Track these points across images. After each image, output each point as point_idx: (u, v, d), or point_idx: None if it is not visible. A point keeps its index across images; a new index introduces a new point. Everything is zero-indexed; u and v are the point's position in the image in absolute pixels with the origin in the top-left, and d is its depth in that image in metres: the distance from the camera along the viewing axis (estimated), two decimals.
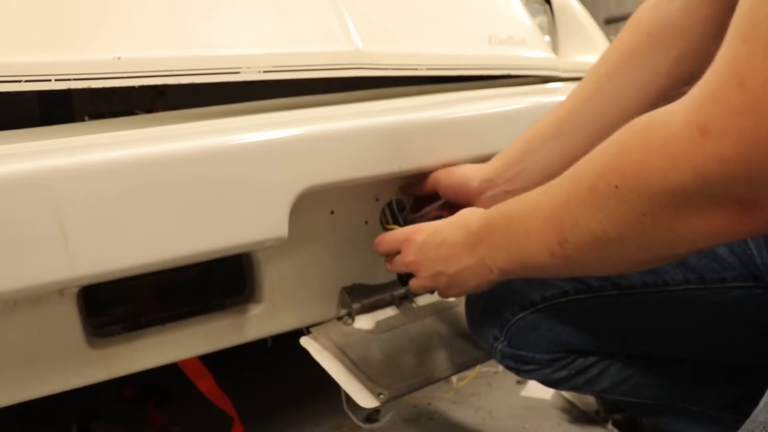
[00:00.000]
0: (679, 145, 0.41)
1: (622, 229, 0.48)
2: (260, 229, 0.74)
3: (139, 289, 0.85)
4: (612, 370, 0.76)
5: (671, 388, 0.76)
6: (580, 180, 0.52)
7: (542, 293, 0.74)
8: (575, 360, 0.76)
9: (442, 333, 0.96)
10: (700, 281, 0.69)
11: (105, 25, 0.78)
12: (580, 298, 0.73)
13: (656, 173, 0.43)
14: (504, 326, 0.76)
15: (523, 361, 0.76)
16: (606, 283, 0.72)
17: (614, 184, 0.46)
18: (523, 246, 0.58)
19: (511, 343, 0.76)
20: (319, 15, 0.94)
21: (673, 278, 0.70)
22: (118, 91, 1.09)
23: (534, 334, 0.75)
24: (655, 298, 0.71)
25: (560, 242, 0.53)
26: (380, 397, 0.84)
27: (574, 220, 0.52)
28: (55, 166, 0.62)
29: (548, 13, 1.40)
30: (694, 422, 0.78)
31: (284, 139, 0.75)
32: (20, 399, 0.73)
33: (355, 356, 0.88)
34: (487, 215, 0.65)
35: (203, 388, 1.03)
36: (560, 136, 0.77)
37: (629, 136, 0.46)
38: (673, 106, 0.43)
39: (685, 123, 0.40)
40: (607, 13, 5.77)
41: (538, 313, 0.74)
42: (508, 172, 0.79)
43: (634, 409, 0.82)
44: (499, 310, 0.76)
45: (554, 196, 0.55)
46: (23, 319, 0.70)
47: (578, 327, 0.74)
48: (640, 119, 0.46)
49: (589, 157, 0.52)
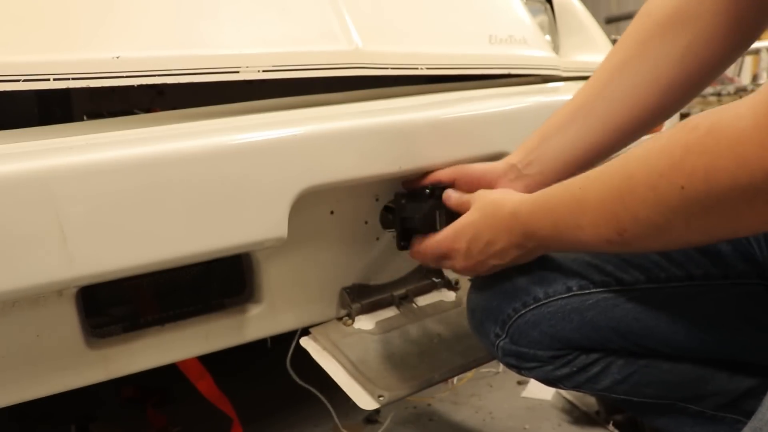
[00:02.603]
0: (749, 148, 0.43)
1: (688, 220, 0.50)
2: (260, 229, 0.74)
3: (138, 289, 0.84)
4: (613, 367, 0.76)
5: (673, 387, 0.76)
6: (632, 176, 0.54)
7: (545, 289, 0.74)
8: (577, 357, 0.75)
9: (442, 334, 0.95)
10: (703, 278, 0.69)
11: (104, 25, 0.77)
12: (583, 294, 0.73)
13: (725, 174, 0.45)
14: (506, 323, 0.76)
15: (525, 359, 0.76)
16: (609, 279, 0.72)
17: (680, 185, 0.49)
18: (577, 237, 0.62)
19: (513, 340, 0.76)
20: (319, 14, 0.94)
21: (677, 274, 0.70)
22: (117, 91, 1.08)
23: (536, 330, 0.74)
24: (658, 294, 0.71)
25: (619, 232, 0.56)
26: (380, 399, 0.83)
27: (633, 214, 0.54)
28: (54, 165, 0.61)
29: (549, 13, 1.40)
30: (696, 423, 0.78)
31: (284, 139, 0.75)
32: (19, 399, 0.73)
33: (354, 357, 0.88)
34: (527, 214, 0.67)
35: (202, 389, 1.03)
36: (574, 123, 0.79)
37: (695, 138, 0.48)
38: (739, 110, 0.45)
39: (754, 127, 0.43)
40: (608, 12, 5.78)
41: (541, 310, 0.74)
42: (526, 157, 0.81)
43: (635, 409, 0.82)
44: (501, 307, 0.76)
45: (603, 191, 0.57)
46: (22, 319, 0.70)
47: (581, 323, 0.73)
48: (701, 120, 0.48)
49: (642, 154, 0.53)
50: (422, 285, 1.03)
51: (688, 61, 0.72)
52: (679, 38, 0.71)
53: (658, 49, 0.73)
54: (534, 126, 0.95)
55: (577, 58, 1.35)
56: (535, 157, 0.80)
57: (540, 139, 0.81)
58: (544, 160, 0.80)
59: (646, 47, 0.74)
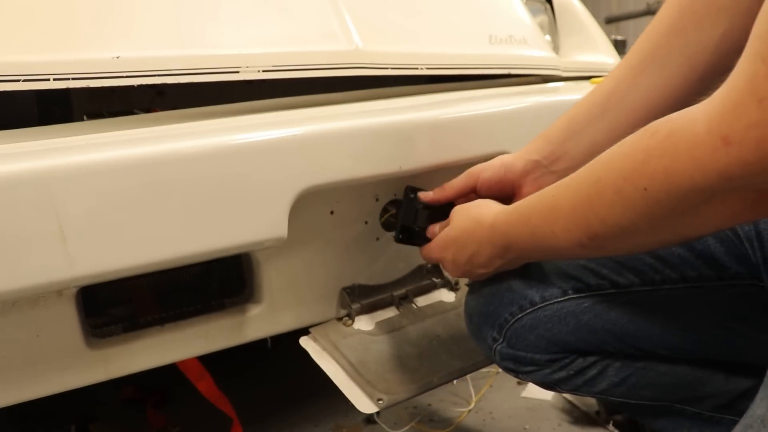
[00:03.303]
0: (704, 152, 0.46)
1: (653, 221, 0.53)
2: (260, 229, 0.74)
3: (138, 289, 0.84)
4: (610, 370, 0.76)
5: (670, 389, 0.76)
6: (599, 181, 0.56)
7: (541, 293, 0.74)
8: (574, 360, 0.76)
9: (442, 336, 0.95)
10: (698, 279, 0.70)
11: (103, 24, 0.77)
12: (579, 298, 0.73)
13: (684, 176, 0.48)
14: (503, 327, 0.76)
15: (522, 362, 0.76)
16: (604, 282, 0.72)
17: (643, 187, 0.51)
18: (551, 245, 0.63)
19: (510, 344, 0.76)
20: (319, 14, 0.94)
21: (671, 276, 0.70)
22: (116, 91, 1.08)
23: (533, 334, 0.74)
24: (653, 296, 0.71)
25: (590, 237, 0.58)
26: (380, 402, 0.83)
27: (601, 218, 0.56)
28: (53, 165, 0.61)
29: (549, 12, 1.40)
30: (693, 424, 0.78)
31: (284, 139, 0.75)
32: (19, 400, 0.73)
33: (354, 359, 0.88)
34: (504, 225, 0.69)
35: (202, 389, 1.03)
36: (605, 115, 0.77)
37: (655, 143, 0.50)
38: (696, 114, 0.47)
39: (708, 132, 0.45)
40: (608, 12, 5.78)
41: (537, 313, 0.74)
42: (553, 153, 0.79)
43: (633, 412, 0.82)
44: (498, 311, 0.76)
45: (573, 197, 0.59)
46: (22, 319, 0.70)
47: (577, 326, 0.74)
48: (661, 126, 0.50)
49: (607, 160, 0.56)
50: (422, 285, 1.03)
51: (724, 49, 0.70)
52: (715, 26, 0.69)
53: (695, 37, 0.71)
54: (534, 125, 0.94)
55: (577, 58, 1.35)
56: (564, 152, 0.78)
57: (566, 132, 0.79)
58: (575, 155, 0.77)
59: (681, 35, 0.71)
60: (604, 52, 1.39)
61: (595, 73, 1.34)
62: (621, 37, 1.92)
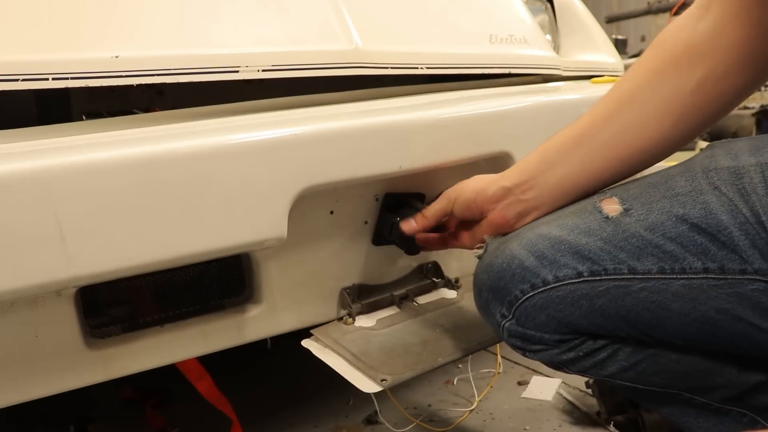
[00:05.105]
0: None
1: None
2: (260, 229, 0.74)
3: (137, 289, 0.84)
4: (621, 354, 0.75)
5: (680, 377, 0.75)
6: None
7: (554, 273, 0.73)
8: (584, 342, 0.75)
9: (445, 325, 0.94)
10: (720, 271, 0.68)
11: (103, 24, 0.77)
12: (594, 281, 0.72)
13: None
14: (513, 304, 0.75)
15: (531, 341, 0.75)
16: (621, 267, 0.71)
17: None
18: None
19: (519, 322, 0.75)
20: (319, 13, 0.94)
21: (692, 266, 0.69)
22: (115, 90, 1.08)
23: (543, 314, 0.73)
24: (671, 285, 0.70)
25: None
26: (383, 382, 0.82)
27: None
28: (52, 165, 0.61)
29: (549, 12, 1.40)
30: (700, 414, 0.77)
31: (283, 139, 0.74)
32: (17, 400, 0.73)
33: (356, 350, 0.87)
34: None
35: (202, 389, 1.03)
36: (578, 148, 0.77)
37: None
38: None
39: None
40: (609, 11, 5.78)
41: (549, 293, 0.73)
42: (526, 183, 0.79)
43: (640, 396, 0.81)
44: (508, 287, 0.75)
45: None
46: (20, 319, 0.70)
47: (590, 309, 0.72)
48: None
49: None
50: (422, 285, 1.03)
51: (701, 95, 0.71)
52: (693, 70, 0.70)
53: (671, 81, 0.71)
54: (534, 125, 0.94)
55: (578, 58, 1.35)
56: (536, 183, 0.79)
57: (540, 163, 0.79)
58: (546, 187, 0.78)
59: (659, 78, 0.72)
60: (605, 51, 1.39)
61: (595, 72, 1.34)
62: (622, 36, 1.92)
